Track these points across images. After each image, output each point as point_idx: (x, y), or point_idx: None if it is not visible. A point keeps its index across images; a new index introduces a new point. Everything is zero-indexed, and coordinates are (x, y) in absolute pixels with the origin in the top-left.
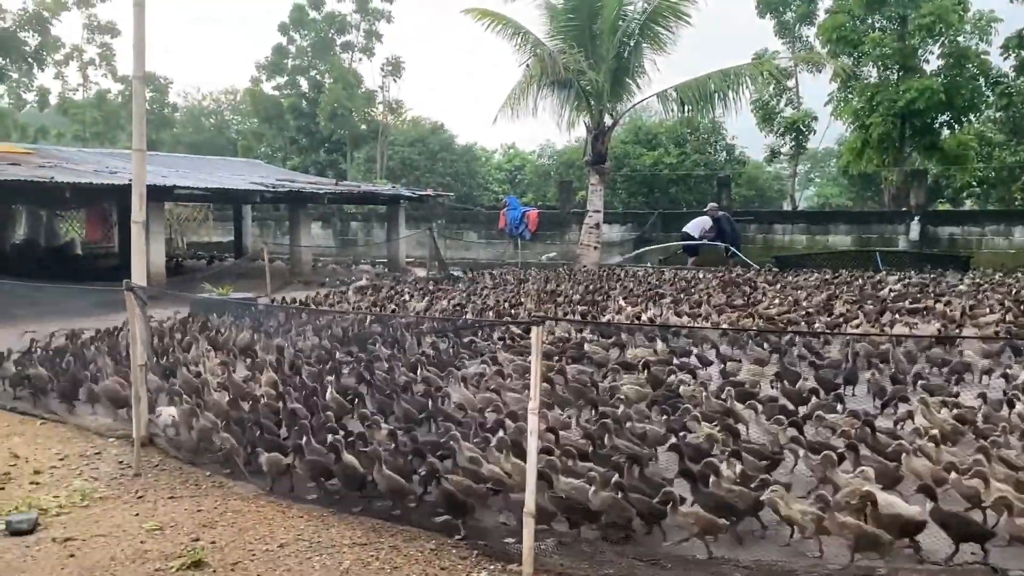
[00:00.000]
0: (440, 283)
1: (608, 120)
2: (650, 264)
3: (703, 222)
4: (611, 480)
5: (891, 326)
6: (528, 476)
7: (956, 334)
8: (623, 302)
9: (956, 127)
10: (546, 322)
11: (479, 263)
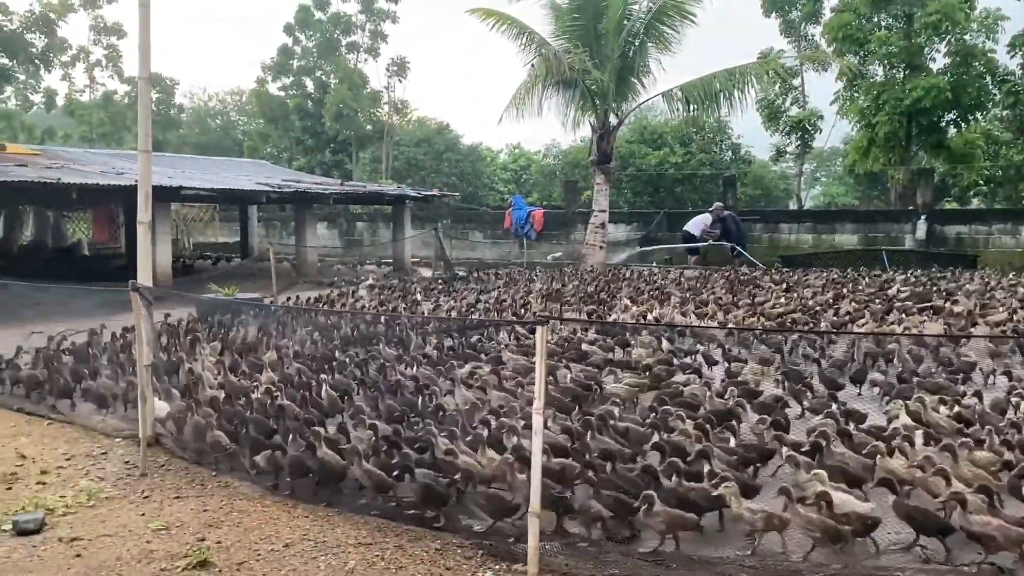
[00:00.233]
0: (451, 283)
1: (613, 120)
2: (655, 263)
3: (703, 220)
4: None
5: (899, 324)
6: (533, 476)
7: (959, 333)
8: (628, 301)
9: (963, 126)
10: (551, 322)
11: (484, 263)
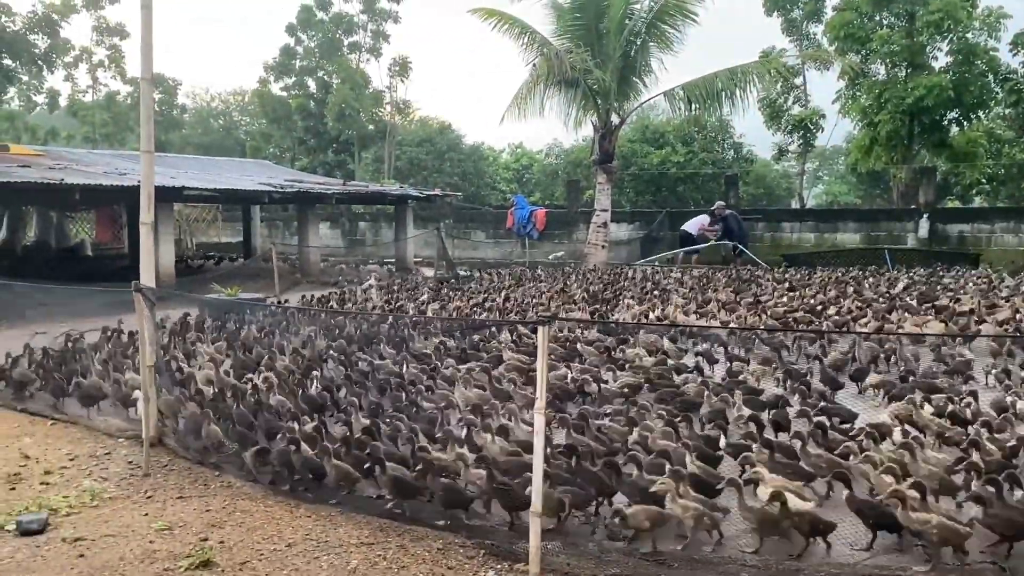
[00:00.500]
0: (458, 282)
1: (615, 119)
2: (657, 263)
3: (701, 220)
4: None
5: (902, 323)
6: (535, 476)
7: (959, 332)
8: (630, 300)
9: (965, 124)
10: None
11: (487, 262)
